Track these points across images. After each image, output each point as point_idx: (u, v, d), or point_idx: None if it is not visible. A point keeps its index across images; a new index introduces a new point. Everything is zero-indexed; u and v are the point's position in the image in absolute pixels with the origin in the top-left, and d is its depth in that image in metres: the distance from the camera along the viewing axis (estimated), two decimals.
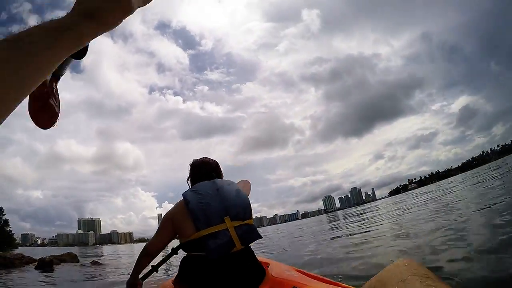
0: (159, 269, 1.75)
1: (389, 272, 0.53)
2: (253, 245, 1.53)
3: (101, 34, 0.40)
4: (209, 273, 1.34)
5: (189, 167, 1.76)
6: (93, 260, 10.82)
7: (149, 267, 1.70)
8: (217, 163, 1.79)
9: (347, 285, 1.16)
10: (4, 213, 36.81)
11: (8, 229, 37.97)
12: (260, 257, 1.60)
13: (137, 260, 1.62)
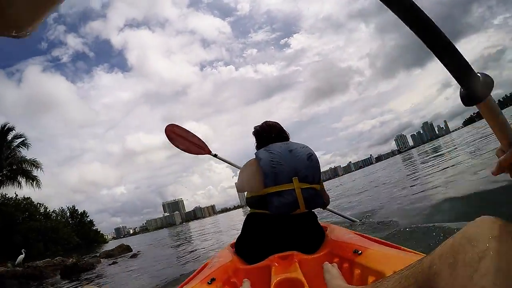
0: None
1: (476, 229, 0.47)
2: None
3: None
4: (269, 232, 1.37)
5: (254, 134, 1.74)
6: (133, 254, 10.14)
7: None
8: (279, 124, 1.75)
9: (411, 250, 1.10)
10: (87, 215, 40.75)
11: (94, 228, 42.15)
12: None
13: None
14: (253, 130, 1.76)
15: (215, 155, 2.64)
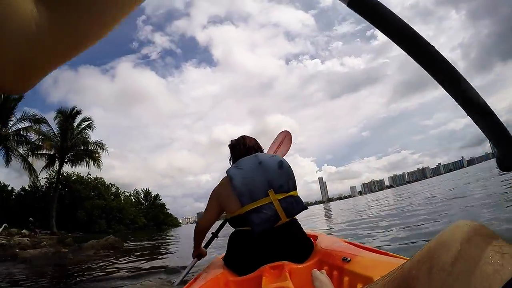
0: (219, 235, 2.20)
1: (450, 233, 0.49)
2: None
3: None
4: (256, 247, 1.36)
5: (229, 147, 1.75)
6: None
7: (209, 235, 1.99)
8: (255, 140, 1.75)
9: (399, 255, 1.13)
10: (160, 198, 43.37)
11: (166, 211, 44.67)
12: (308, 231, 1.62)
13: (194, 236, 1.79)
14: (229, 143, 1.76)
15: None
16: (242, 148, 1.66)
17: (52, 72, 0.29)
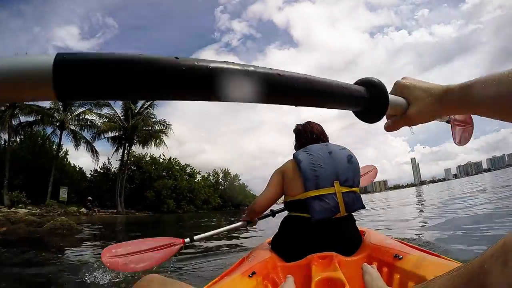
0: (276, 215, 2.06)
1: None
2: None
3: None
4: (310, 235, 1.36)
5: (295, 132, 1.72)
6: None
7: (268, 212, 1.98)
8: (321, 127, 1.71)
9: (450, 258, 1.12)
10: (239, 178, 43.28)
11: (249, 192, 44.57)
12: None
13: (248, 213, 1.76)
14: (294, 128, 1.73)
15: (191, 240, 1.79)
16: (309, 135, 1.64)
17: None
